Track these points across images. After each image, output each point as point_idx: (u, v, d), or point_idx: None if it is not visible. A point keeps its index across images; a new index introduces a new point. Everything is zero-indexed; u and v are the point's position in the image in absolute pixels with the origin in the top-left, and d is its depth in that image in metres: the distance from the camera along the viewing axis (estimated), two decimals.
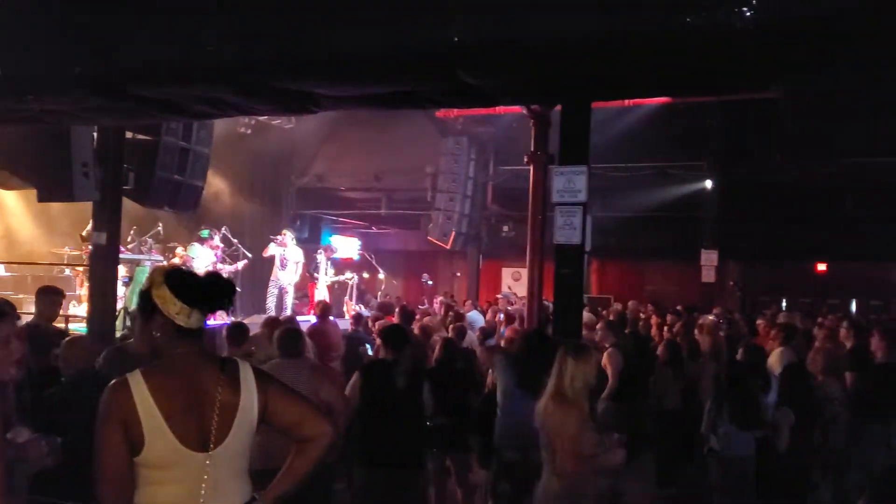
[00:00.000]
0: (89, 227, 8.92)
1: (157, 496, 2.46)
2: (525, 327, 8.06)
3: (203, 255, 13.00)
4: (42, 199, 8.62)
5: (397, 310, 9.05)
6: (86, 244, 10.84)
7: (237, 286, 13.89)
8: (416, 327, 8.95)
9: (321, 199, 20.01)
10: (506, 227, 18.48)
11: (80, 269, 12.01)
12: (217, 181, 15.43)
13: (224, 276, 2.79)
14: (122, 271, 10.69)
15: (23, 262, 13.32)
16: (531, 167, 7.57)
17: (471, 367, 7.29)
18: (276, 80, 4.72)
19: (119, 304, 9.57)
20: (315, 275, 14.51)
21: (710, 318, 11.68)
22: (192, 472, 2.45)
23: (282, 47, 4.41)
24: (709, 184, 15.85)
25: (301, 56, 4.40)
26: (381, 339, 5.83)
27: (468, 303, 13.87)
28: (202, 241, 13.26)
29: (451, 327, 8.64)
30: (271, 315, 8.65)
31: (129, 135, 8.92)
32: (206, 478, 2.45)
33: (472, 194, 16.89)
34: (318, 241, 17.23)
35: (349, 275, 15.75)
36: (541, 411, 4.38)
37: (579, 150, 6.32)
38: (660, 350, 8.83)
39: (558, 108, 6.43)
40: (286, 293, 13.81)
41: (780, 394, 6.42)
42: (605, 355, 8.00)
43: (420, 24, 3.96)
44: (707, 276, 15.87)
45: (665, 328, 11.32)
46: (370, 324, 9.67)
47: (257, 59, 4.55)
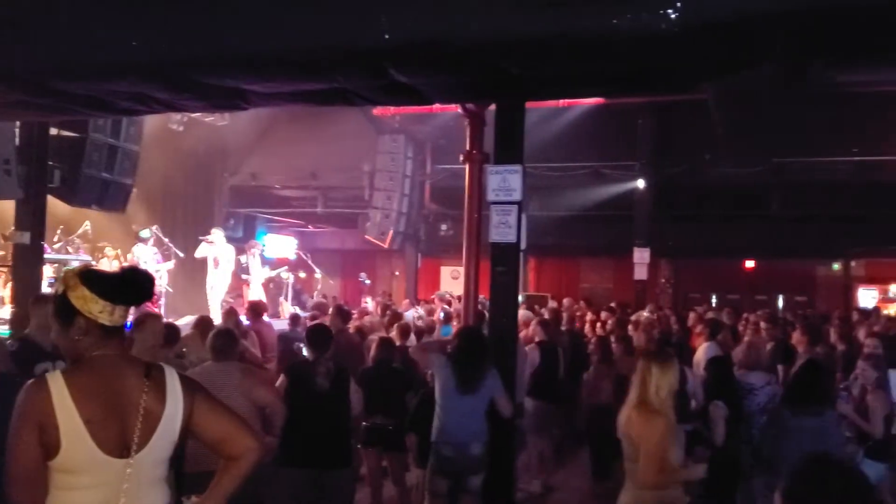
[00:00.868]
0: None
1: (72, 502, 2.37)
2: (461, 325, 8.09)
3: (145, 256, 12.68)
4: None
5: (332, 309, 8.97)
6: (9, 244, 10.44)
7: (169, 287, 13.61)
8: (352, 327, 8.91)
9: (255, 198, 19.71)
10: (444, 226, 18.52)
11: (3, 269, 11.56)
12: (148, 179, 15.04)
13: (140, 268, 2.72)
14: (48, 272, 10.34)
15: None
16: (467, 166, 7.59)
17: (410, 366, 7.29)
18: (204, 76, 4.62)
19: None
20: (244, 276, 14.27)
21: (644, 315, 11.95)
22: (110, 478, 2.37)
23: (210, 43, 4.33)
24: (641, 183, 16.16)
25: (230, 52, 4.32)
26: (305, 339, 5.81)
27: (406, 302, 13.84)
28: (143, 240, 12.92)
29: (395, 326, 8.61)
30: (203, 315, 8.47)
31: (54, 131, 8.64)
32: (125, 486, 2.37)
33: (409, 193, 16.87)
34: (252, 241, 16.96)
35: (283, 273, 15.54)
36: (624, 421, 4.30)
37: (514, 149, 6.37)
38: (592, 346, 9.00)
39: (493, 107, 6.47)
40: (219, 293, 13.57)
41: (707, 388, 6.58)
42: (526, 350, 8.15)
43: (350, 21, 3.93)
44: (640, 273, 16.18)
45: (599, 325, 11.54)
46: (308, 324, 9.56)
47: (185, 55, 4.45)
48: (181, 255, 13.69)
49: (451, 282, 18.84)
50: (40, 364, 4.68)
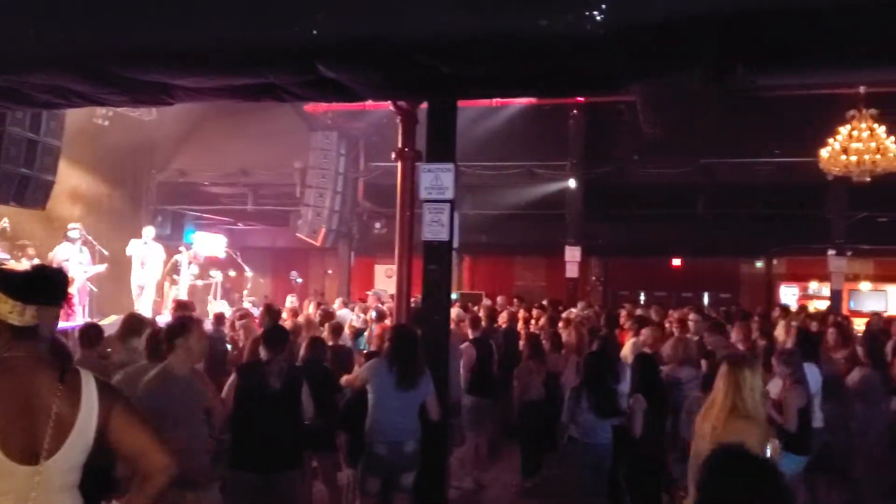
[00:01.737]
0: None
1: None
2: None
3: (71, 256, 12.21)
4: None
5: (261, 309, 8.83)
6: None
7: (93, 285, 13.18)
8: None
9: (184, 195, 19.25)
10: (378, 224, 18.43)
11: None
12: (71, 175, 14.55)
13: (54, 267, 2.62)
14: None
15: None
16: (399, 164, 7.57)
17: (342, 366, 7.23)
18: (125, 69, 4.49)
19: None
20: (175, 276, 13.93)
21: (574, 312, 12.14)
22: (16, 485, 2.27)
23: (132, 36, 4.20)
24: (572, 183, 16.41)
25: (153, 46, 4.21)
26: (262, 339, 5.71)
27: (339, 300, 13.73)
28: (71, 240, 12.42)
29: (328, 325, 8.53)
30: (132, 313, 8.20)
31: None
32: (33, 494, 2.28)
33: (342, 190, 16.72)
34: (180, 238, 16.55)
35: (213, 273, 15.23)
36: (710, 431, 4.11)
37: (446, 147, 6.38)
38: (522, 344, 9.11)
39: (425, 105, 6.47)
40: (146, 292, 13.22)
41: (632, 382, 6.74)
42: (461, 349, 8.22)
43: (279, 16, 3.87)
44: (571, 271, 16.43)
45: (532, 322, 11.67)
46: (235, 324, 9.40)
47: (106, 48, 4.31)
48: (106, 253, 13.28)
49: (386, 280, 18.75)
50: None
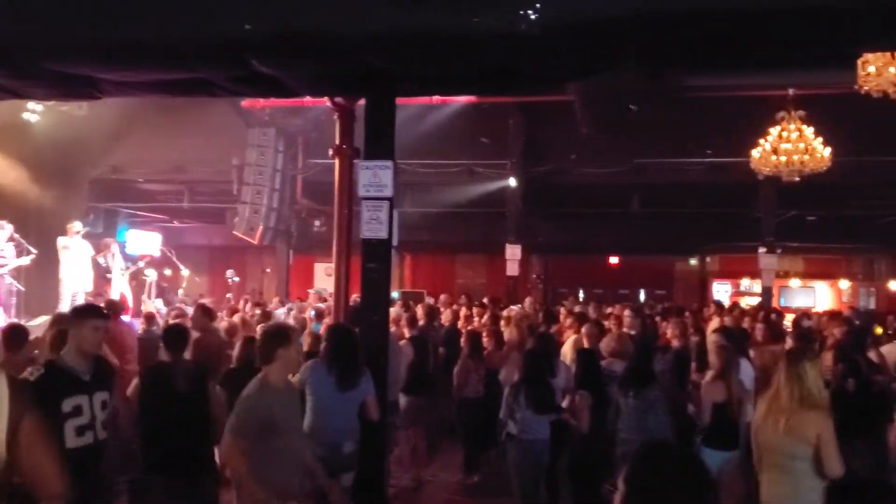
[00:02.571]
0: None
1: None
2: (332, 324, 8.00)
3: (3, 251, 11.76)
4: None
5: (194, 309, 8.65)
6: None
7: (21, 284, 12.71)
8: (221, 327, 8.64)
9: (117, 192, 18.75)
10: (317, 222, 18.25)
11: None
12: None
13: None
14: None
15: None
16: (337, 161, 7.50)
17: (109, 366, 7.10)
18: (49, 62, 4.33)
19: None
20: (108, 275, 13.53)
21: (515, 310, 12.22)
22: None
23: (56, 28, 4.06)
24: (512, 182, 16.53)
25: (77, 38, 4.07)
26: (162, 340, 5.57)
27: (276, 299, 13.54)
28: None
29: (260, 326, 8.39)
30: (59, 313, 7.95)
31: None
32: None
33: (280, 187, 16.51)
34: (114, 236, 16.09)
35: (148, 271, 14.86)
36: (787, 422, 4.27)
37: (384, 144, 6.34)
38: (462, 341, 9.13)
39: (363, 101, 6.43)
40: (77, 292, 12.79)
41: (575, 377, 6.82)
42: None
43: (209, 10, 3.78)
44: (511, 269, 16.56)
45: (475, 320, 11.70)
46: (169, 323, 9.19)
47: (28, 40, 4.15)
48: (34, 252, 12.83)
49: (326, 279, 18.56)
50: (70, 399, 4.09)
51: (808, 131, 11.84)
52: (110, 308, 8.82)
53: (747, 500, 6.91)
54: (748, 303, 17.37)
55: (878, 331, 8.70)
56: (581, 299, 20.20)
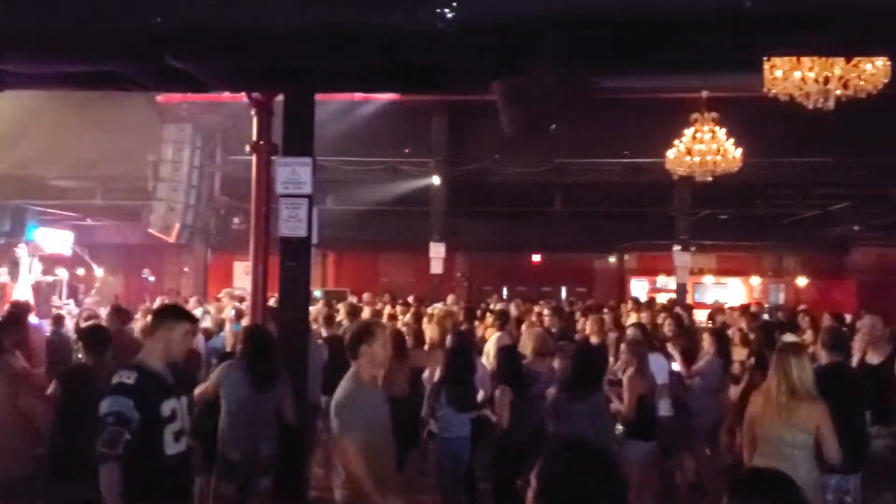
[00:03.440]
0: None
1: None
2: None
3: None
4: None
5: (108, 310, 8.36)
6: None
7: None
8: (136, 327, 8.37)
9: (26, 188, 17.92)
10: (237, 219, 17.87)
11: None
12: None
13: None
14: None
15: None
16: (254, 157, 7.35)
17: (190, 369, 6.94)
18: None
19: None
20: (16, 275, 12.96)
21: (439, 308, 12.24)
22: None
23: None
24: (436, 180, 16.57)
25: None
26: (81, 341, 5.37)
27: (193, 299, 13.21)
28: None
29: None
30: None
31: None
32: None
33: (197, 184, 16.10)
34: (21, 235, 15.40)
35: (60, 272, 14.28)
36: (780, 414, 4.49)
37: (303, 141, 6.25)
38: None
39: (281, 97, 6.32)
40: None
41: (497, 375, 6.87)
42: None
43: (119, 1, 3.64)
44: (436, 267, 16.60)
45: (400, 319, 11.67)
46: (80, 325, 8.86)
47: None
48: None
49: (246, 278, 18.13)
50: (166, 402, 3.85)
51: (721, 133, 12.23)
52: (17, 309, 8.46)
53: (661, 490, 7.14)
54: (665, 299, 17.86)
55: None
56: (505, 297, 20.46)
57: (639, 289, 22.84)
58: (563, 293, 23.89)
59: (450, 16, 3.13)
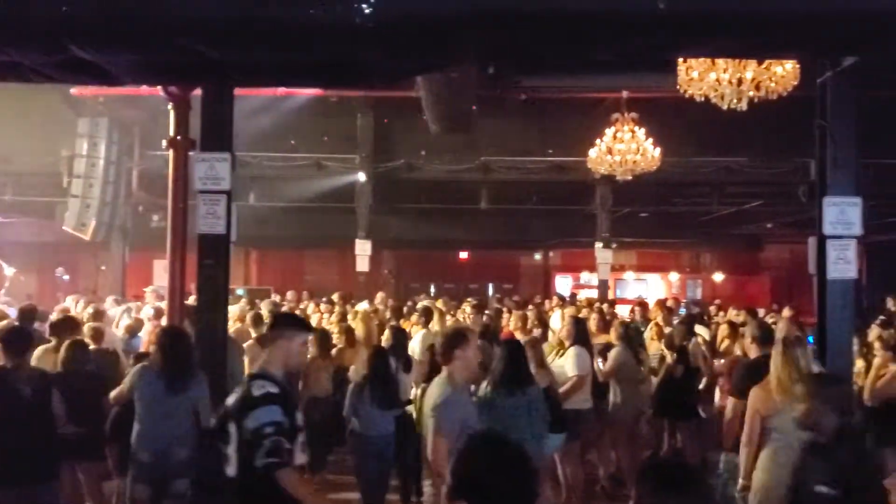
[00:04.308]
0: None
1: None
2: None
3: None
4: None
5: (17, 311, 8.02)
6: None
7: None
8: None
9: None
10: (156, 217, 17.32)
11: None
12: None
13: None
14: None
15: None
16: (171, 152, 7.17)
17: (107, 370, 6.73)
18: None
19: None
20: None
21: (366, 306, 12.18)
22: None
23: None
24: (362, 176, 16.46)
25: None
26: (1, 343, 5.18)
27: (110, 298, 12.78)
28: None
29: (88, 328, 7.87)
30: None
31: None
32: None
33: (114, 180, 15.55)
34: None
35: None
36: (783, 402, 4.65)
37: (222, 136, 6.14)
38: (310, 339, 8.98)
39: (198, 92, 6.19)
40: None
41: (427, 373, 6.88)
42: (244, 348, 7.98)
43: None
44: (362, 265, 16.49)
45: (325, 317, 11.55)
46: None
47: None
48: None
49: (166, 276, 17.72)
50: (297, 412, 3.81)
51: (641, 133, 12.52)
52: None
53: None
54: (588, 295, 18.20)
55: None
56: (432, 294, 20.51)
57: (563, 285, 23.25)
58: (491, 290, 24.11)
59: (367, 11, 3.11)
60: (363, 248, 16.44)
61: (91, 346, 6.65)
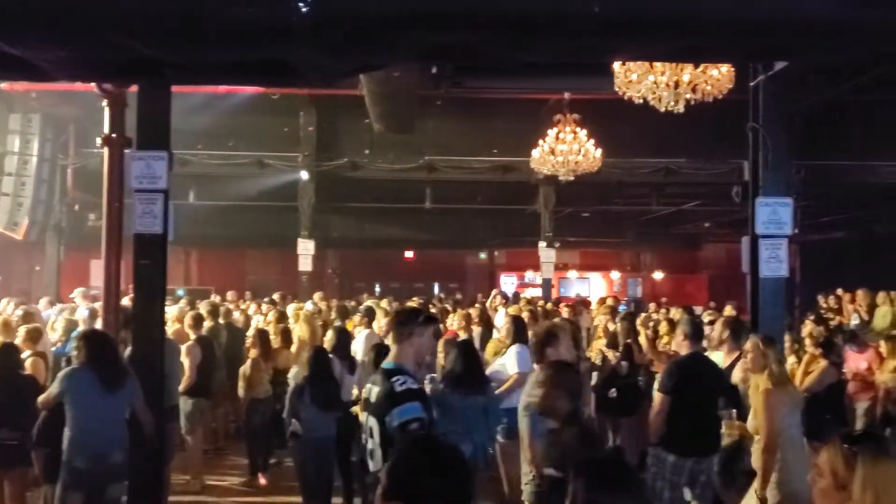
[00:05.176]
0: None
1: None
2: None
3: None
4: None
5: None
6: None
7: None
8: None
9: None
10: (92, 216, 16.86)
11: None
12: None
13: None
14: None
15: None
16: (106, 151, 7.01)
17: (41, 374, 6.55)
18: None
19: None
20: None
21: (307, 306, 12.07)
22: None
23: None
24: (304, 175, 16.28)
25: None
26: None
27: (45, 300, 12.42)
28: None
29: (23, 330, 7.62)
30: None
31: None
32: None
33: (48, 178, 15.09)
34: None
35: None
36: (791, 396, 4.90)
37: (159, 134, 6.05)
38: (250, 341, 8.88)
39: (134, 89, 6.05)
40: None
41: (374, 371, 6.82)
42: (183, 349, 7.84)
43: None
44: (304, 264, 16.30)
45: (265, 318, 11.40)
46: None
47: None
48: None
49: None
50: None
51: (582, 134, 12.68)
52: None
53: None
54: (532, 294, 18.38)
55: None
56: (377, 293, 20.44)
57: (508, 284, 23.42)
58: (436, 289, 24.16)
59: (304, 10, 3.08)
60: (306, 247, 16.25)
61: (26, 350, 6.47)
